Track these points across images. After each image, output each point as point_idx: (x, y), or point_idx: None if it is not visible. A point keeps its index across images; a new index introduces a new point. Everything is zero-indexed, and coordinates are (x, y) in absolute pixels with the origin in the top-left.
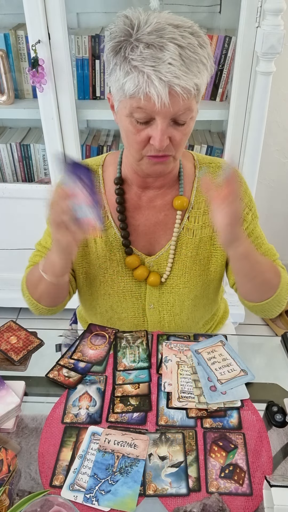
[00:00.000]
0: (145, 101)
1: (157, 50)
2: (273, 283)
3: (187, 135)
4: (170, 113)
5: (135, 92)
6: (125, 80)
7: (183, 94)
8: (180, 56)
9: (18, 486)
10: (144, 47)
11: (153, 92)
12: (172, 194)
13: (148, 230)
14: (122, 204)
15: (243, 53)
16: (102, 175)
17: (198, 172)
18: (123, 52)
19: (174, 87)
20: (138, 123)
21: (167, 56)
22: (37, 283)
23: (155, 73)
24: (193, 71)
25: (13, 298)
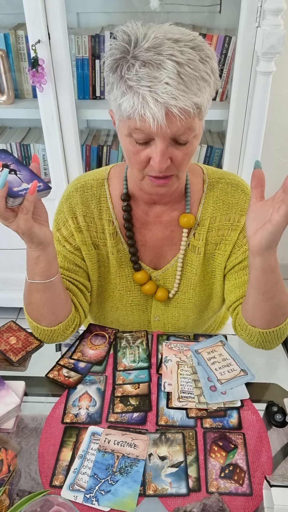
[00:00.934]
0: (141, 122)
1: (154, 69)
2: (286, 309)
3: (190, 154)
4: (168, 134)
5: (131, 113)
6: (121, 101)
7: (180, 115)
8: (179, 74)
9: (18, 486)
10: (140, 66)
11: (148, 115)
12: (178, 210)
13: (155, 245)
14: (129, 220)
15: (243, 53)
16: (108, 189)
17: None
18: (119, 71)
19: (171, 108)
20: (137, 144)
21: (164, 75)
22: (30, 296)
23: (150, 94)
24: (192, 89)
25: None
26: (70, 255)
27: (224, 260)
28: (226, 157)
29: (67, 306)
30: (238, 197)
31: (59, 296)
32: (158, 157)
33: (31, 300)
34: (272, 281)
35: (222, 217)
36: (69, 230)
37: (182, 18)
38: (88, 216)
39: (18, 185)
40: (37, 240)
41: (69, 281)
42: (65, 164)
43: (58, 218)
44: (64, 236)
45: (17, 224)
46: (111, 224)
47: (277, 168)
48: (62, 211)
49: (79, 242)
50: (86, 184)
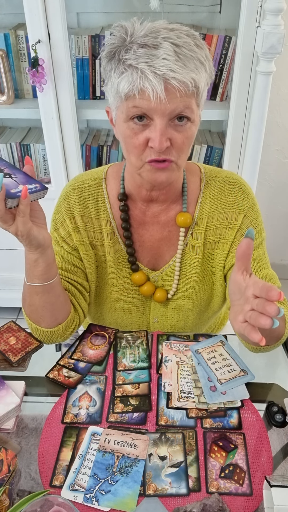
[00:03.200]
0: (141, 98)
1: (151, 49)
2: (280, 335)
3: (189, 139)
4: (168, 110)
5: (130, 89)
6: (119, 80)
7: (179, 87)
8: (176, 53)
9: (18, 486)
10: (138, 47)
11: (148, 86)
12: (176, 209)
13: (153, 246)
14: (127, 220)
15: (243, 53)
16: (106, 189)
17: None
18: (117, 55)
19: (170, 80)
20: (136, 125)
21: (161, 52)
22: (29, 298)
23: (149, 68)
24: (189, 66)
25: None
26: (68, 255)
27: (222, 259)
28: (226, 157)
29: (66, 307)
30: (235, 195)
31: (58, 298)
32: (158, 136)
33: (30, 302)
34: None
35: (220, 215)
36: (66, 230)
37: (182, 18)
38: (86, 216)
39: (14, 187)
40: (36, 243)
41: (68, 282)
42: (65, 164)
43: (56, 218)
44: (62, 236)
45: (16, 227)
46: (109, 224)
47: (277, 168)
48: (60, 211)
49: (77, 242)
50: (84, 184)
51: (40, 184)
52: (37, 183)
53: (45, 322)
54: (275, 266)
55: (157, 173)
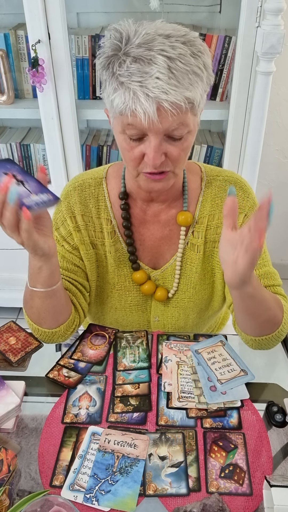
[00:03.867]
0: (133, 118)
1: (144, 64)
2: (276, 320)
3: (185, 150)
4: (161, 130)
5: (123, 109)
6: (113, 97)
7: (171, 110)
8: (169, 68)
9: (18, 486)
10: (131, 62)
11: (140, 110)
12: (176, 208)
13: (154, 245)
14: (128, 219)
15: (243, 53)
16: (106, 188)
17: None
18: (111, 67)
19: (162, 102)
20: (131, 140)
21: (154, 70)
22: (31, 301)
23: (141, 89)
24: (183, 84)
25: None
26: (69, 255)
27: None
28: (226, 157)
29: (68, 309)
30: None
31: (60, 301)
32: (152, 153)
33: (32, 305)
34: (253, 306)
35: (220, 214)
36: (67, 229)
37: (182, 18)
38: (87, 215)
39: (27, 196)
40: (40, 252)
41: (68, 281)
42: (65, 164)
43: (57, 218)
44: (63, 235)
45: (21, 239)
46: (109, 223)
47: (277, 168)
48: (60, 210)
49: (78, 242)
50: (84, 183)
51: (52, 194)
52: (48, 192)
53: (47, 323)
54: (275, 266)
55: (153, 183)
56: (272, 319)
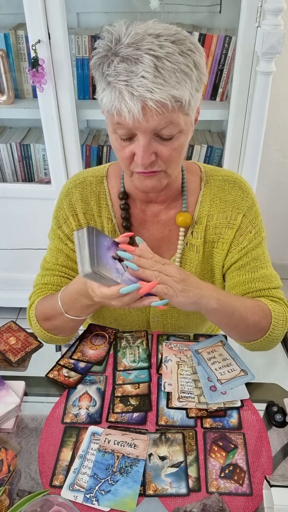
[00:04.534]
0: (119, 117)
1: (131, 64)
2: (260, 326)
3: (177, 150)
4: (148, 128)
5: (110, 108)
6: (102, 96)
7: (156, 108)
8: (156, 67)
9: (18, 486)
10: (119, 61)
11: (124, 109)
12: (176, 209)
13: (153, 245)
14: (127, 219)
15: (243, 53)
16: (107, 187)
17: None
18: (101, 68)
19: (147, 101)
20: (122, 140)
21: (140, 69)
22: (53, 318)
23: (126, 88)
24: (170, 82)
25: (13, 298)
26: (72, 253)
27: (221, 259)
28: (226, 157)
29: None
30: (235, 194)
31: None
32: (140, 153)
33: (58, 326)
34: (224, 318)
35: (219, 214)
36: (70, 228)
37: (182, 18)
38: (88, 213)
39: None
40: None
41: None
42: (65, 164)
43: (59, 216)
44: (66, 233)
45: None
46: (110, 221)
47: (277, 168)
48: (62, 208)
49: None
50: (86, 181)
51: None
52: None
53: (65, 333)
54: (275, 266)
55: (146, 181)
56: (252, 327)
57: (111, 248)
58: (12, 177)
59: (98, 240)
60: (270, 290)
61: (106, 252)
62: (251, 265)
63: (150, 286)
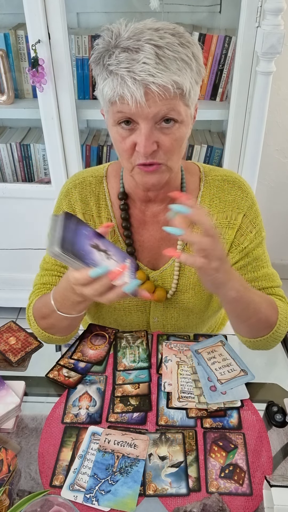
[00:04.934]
0: (122, 104)
1: (132, 53)
2: (270, 322)
3: (178, 141)
4: (150, 114)
5: (111, 96)
6: (103, 86)
7: (159, 92)
8: (157, 55)
9: (18, 486)
10: (120, 52)
11: (127, 93)
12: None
13: (153, 245)
14: (127, 219)
15: (243, 53)
16: (107, 187)
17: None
18: (102, 61)
19: (149, 85)
20: (123, 130)
21: (141, 56)
22: (48, 316)
23: (128, 74)
24: (171, 69)
25: (13, 298)
26: None
27: None
28: (226, 157)
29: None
30: (234, 194)
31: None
32: (143, 141)
33: (55, 325)
34: (239, 308)
35: (219, 215)
36: None
37: (182, 18)
38: (88, 213)
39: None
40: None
41: None
42: (65, 164)
43: None
44: None
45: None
46: (110, 222)
47: (277, 168)
48: (61, 208)
49: None
50: (85, 181)
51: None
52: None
53: (62, 333)
54: (275, 266)
55: (147, 176)
56: (263, 321)
57: (91, 238)
58: (12, 177)
59: (76, 227)
60: (273, 289)
61: (83, 239)
62: (252, 265)
63: (119, 270)
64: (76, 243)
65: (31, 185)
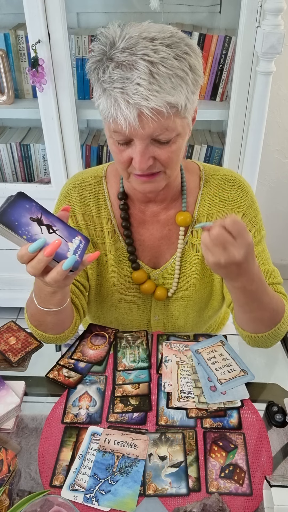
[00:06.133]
0: (115, 125)
1: (126, 70)
2: (276, 318)
3: (175, 152)
4: (145, 135)
5: (106, 115)
6: (99, 103)
7: (152, 116)
8: (151, 73)
9: (18, 486)
10: (114, 67)
11: (120, 117)
12: (175, 208)
13: (153, 244)
14: (127, 219)
15: (243, 53)
16: (106, 187)
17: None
18: (96, 73)
19: (143, 109)
20: (119, 144)
21: (135, 75)
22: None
23: (122, 96)
24: (165, 88)
25: (13, 298)
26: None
27: None
28: (226, 157)
29: (72, 315)
30: (234, 194)
31: (68, 313)
32: (138, 158)
33: (39, 319)
34: (243, 299)
35: (219, 214)
36: None
37: (182, 18)
38: (87, 214)
39: (67, 248)
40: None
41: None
42: (65, 164)
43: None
44: None
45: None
46: (109, 222)
47: (277, 168)
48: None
49: None
50: (84, 182)
51: (80, 235)
52: (77, 233)
53: (53, 331)
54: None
55: (144, 184)
56: (266, 319)
57: (34, 212)
58: (12, 177)
59: (23, 203)
60: (274, 286)
61: (23, 212)
62: None
63: (55, 245)
64: (14, 215)
65: (31, 185)
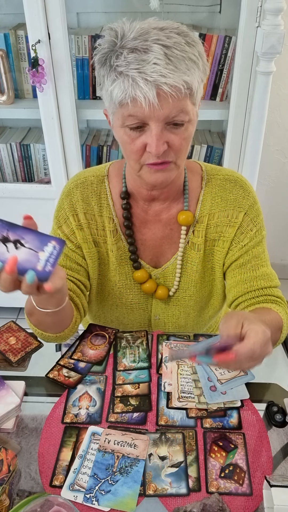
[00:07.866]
0: (133, 106)
1: (141, 53)
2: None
3: (187, 139)
4: (162, 116)
5: (123, 98)
6: (112, 88)
7: (171, 92)
8: (166, 55)
9: (18, 486)
10: (128, 52)
11: (140, 94)
12: (177, 208)
13: (155, 244)
14: (129, 218)
15: (243, 53)
16: (108, 186)
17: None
18: (108, 62)
19: (161, 86)
20: (132, 131)
21: (151, 57)
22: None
23: (140, 75)
24: (181, 68)
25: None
26: (72, 253)
27: (222, 257)
28: (226, 157)
29: (72, 314)
30: (236, 193)
31: (67, 313)
32: (154, 142)
33: (39, 319)
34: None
35: (220, 213)
36: (70, 227)
37: (182, 18)
38: (89, 213)
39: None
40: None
41: (72, 281)
42: (65, 164)
43: (59, 215)
44: (66, 233)
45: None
46: (111, 221)
47: (277, 168)
48: (63, 207)
49: (80, 240)
50: (87, 181)
51: (55, 239)
52: (50, 239)
53: (52, 330)
54: (275, 266)
55: (156, 174)
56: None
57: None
58: (12, 177)
59: None
60: (272, 289)
61: None
62: (252, 263)
63: (12, 261)
64: None
65: (31, 185)
